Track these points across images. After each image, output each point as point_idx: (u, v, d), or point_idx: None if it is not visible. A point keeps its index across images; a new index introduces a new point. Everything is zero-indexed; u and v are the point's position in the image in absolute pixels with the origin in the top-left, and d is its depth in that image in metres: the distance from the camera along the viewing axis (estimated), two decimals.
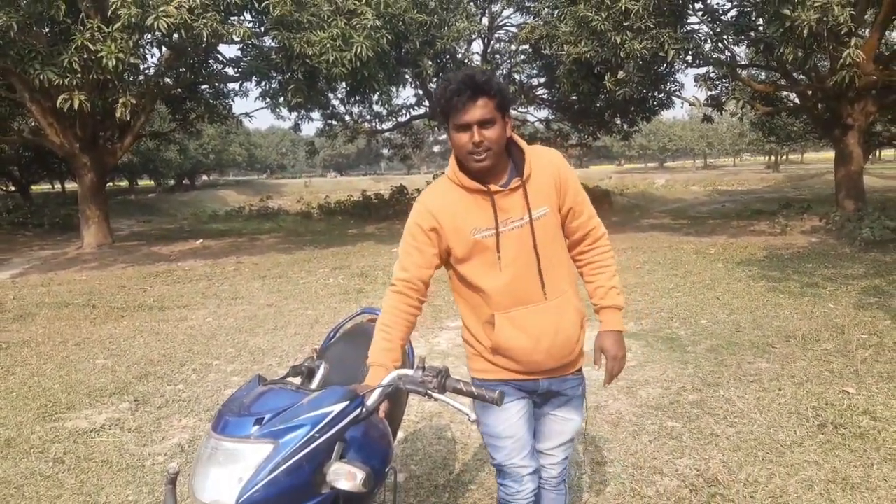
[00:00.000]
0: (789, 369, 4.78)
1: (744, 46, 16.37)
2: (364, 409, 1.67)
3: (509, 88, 1.78)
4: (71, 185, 35.81)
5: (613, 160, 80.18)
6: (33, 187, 33.29)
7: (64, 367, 5.59)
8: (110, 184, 41.17)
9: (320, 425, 1.53)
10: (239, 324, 7.00)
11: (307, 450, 1.50)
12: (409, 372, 1.73)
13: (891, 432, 3.61)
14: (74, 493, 3.35)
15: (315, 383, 1.80)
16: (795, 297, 7.10)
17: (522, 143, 1.98)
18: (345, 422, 1.59)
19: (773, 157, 60.57)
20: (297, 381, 1.91)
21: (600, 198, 23.12)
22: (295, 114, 18.50)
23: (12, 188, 30.30)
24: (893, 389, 4.25)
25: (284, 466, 1.47)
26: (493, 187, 1.89)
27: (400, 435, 3.77)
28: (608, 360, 2.06)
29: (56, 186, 41.31)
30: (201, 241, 15.79)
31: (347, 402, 1.60)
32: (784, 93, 17.11)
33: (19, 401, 4.76)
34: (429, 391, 1.68)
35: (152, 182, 51.38)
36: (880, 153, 50.17)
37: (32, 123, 17.44)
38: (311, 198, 29.44)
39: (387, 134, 26.69)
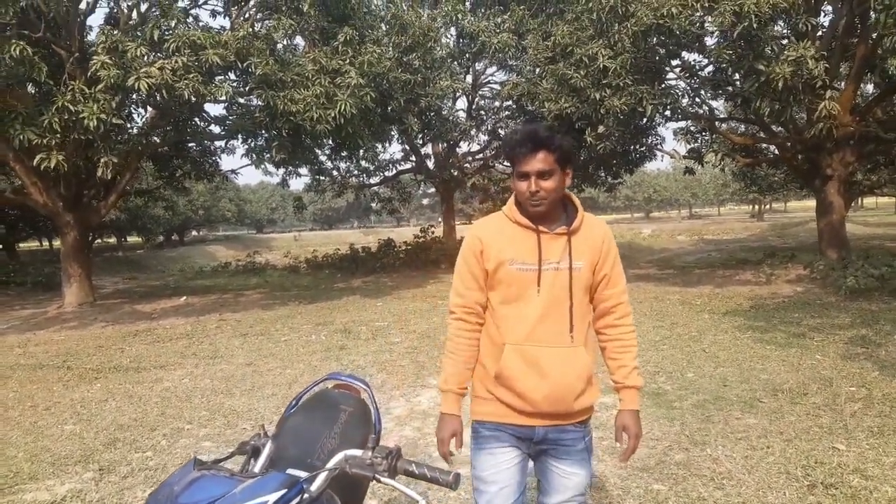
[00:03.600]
0: (777, 425, 4.67)
1: (721, 101, 16.70)
2: (307, 496, 1.52)
3: (569, 145, 1.97)
4: (58, 243, 35.58)
5: (599, 211, 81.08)
6: (21, 244, 33.01)
7: (31, 434, 5.38)
8: (98, 241, 40.96)
9: None
10: (215, 385, 6.81)
11: None
12: (358, 453, 1.61)
13: (883, 492, 3.49)
14: None
15: (259, 465, 1.67)
16: (782, 349, 7.03)
17: (578, 202, 2.18)
18: None
19: (756, 206, 61.36)
20: (242, 460, 1.78)
21: None
22: (282, 170, 18.60)
23: None
24: (884, 445, 4.14)
25: None
26: (542, 228, 2.07)
27: None
28: (630, 438, 2.16)
29: (44, 243, 41.03)
30: (185, 297, 15.59)
31: (286, 490, 1.46)
32: (763, 144, 17.39)
33: None
34: (377, 475, 1.56)
35: (140, 238, 51.16)
36: (862, 201, 50.98)
37: (17, 182, 17.39)
38: (299, 251, 29.29)
39: (374, 188, 26.81)
